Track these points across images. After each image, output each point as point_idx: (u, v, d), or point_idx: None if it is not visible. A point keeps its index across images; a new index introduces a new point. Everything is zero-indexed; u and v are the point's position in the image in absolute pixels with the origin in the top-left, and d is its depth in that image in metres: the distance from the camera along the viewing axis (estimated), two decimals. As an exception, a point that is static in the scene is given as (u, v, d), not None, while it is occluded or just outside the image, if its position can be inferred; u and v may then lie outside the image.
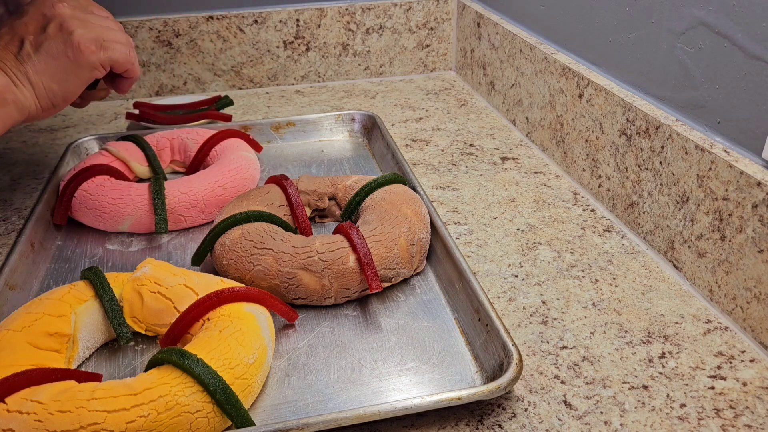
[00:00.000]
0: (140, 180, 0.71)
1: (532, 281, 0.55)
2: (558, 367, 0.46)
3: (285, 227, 0.56)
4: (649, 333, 0.49)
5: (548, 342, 0.48)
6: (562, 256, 0.58)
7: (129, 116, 0.82)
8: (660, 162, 0.56)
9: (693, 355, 0.47)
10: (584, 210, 0.65)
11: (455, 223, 0.63)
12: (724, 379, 0.45)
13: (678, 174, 0.54)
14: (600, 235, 0.61)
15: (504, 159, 0.75)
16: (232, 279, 0.52)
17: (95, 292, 0.48)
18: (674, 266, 0.55)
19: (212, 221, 0.63)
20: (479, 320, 0.47)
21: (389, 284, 0.53)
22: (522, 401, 0.43)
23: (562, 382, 0.45)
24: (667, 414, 0.42)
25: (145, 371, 0.42)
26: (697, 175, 0.51)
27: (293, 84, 0.99)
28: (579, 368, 0.46)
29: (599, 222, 0.63)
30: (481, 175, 0.72)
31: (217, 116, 0.83)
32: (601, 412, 0.42)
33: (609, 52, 0.65)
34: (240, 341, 0.42)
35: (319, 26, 0.96)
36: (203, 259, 0.55)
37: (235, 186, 0.65)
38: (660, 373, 0.45)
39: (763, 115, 0.47)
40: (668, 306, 0.52)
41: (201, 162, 0.70)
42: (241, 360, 0.41)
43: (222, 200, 0.64)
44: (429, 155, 0.76)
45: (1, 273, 0.52)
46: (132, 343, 0.49)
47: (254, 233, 0.53)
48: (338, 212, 0.62)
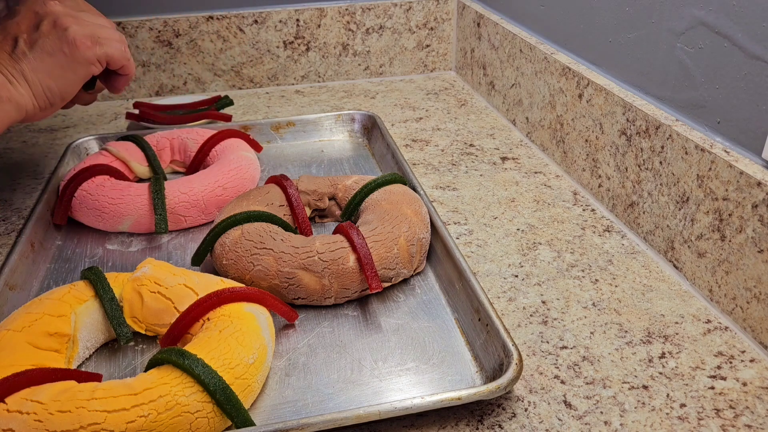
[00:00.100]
0: (140, 180, 0.71)
1: (532, 281, 0.55)
2: (558, 367, 0.46)
3: (285, 227, 0.56)
4: (649, 333, 0.49)
5: (548, 342, 0.48)
6: (562, 256, 0.58)
7: (129, 116, 0.82)
8: (660, 162, 0.56)
9: (693, 355, 0.47)
10: (584, 210, 0.65)
11: (455, 223, 0.63)
12: (724, 379, 0.45)
13: (678, 174, 0.54)
14: (600, 235, 0.61)
15: (504, 159, 0.75)
16: (232, 279, 0.52)
17: (95, 292, 0.48)
18: (674, 266, 0.55)
19: (212, 221, 0.63)
20: (479, 320, 0.47)
21: (389, 284, 0.53)
22: (522, 401, 0.43)
23: (562, 382, 0.45)
24: (667, 414, 0.42)
25: (145, 371, 0.42)
26: (697, 175, 0.51)
27: (293, 84, 0.99)
28: (579, 368, 0.46)
29: (599, 222, 0.63)
30: (481, 175, 0.72)
31: (217, 116, 0.83)
32: (601, 412, 0.42)
33: (609, 52, 0.65)
34: (240, 341, 0.42)
35: (319, 26, 0.96)
36: (203, 259, 0.55)
37: (235, 186, 0.65)
38: (660, 373, 0.45)
39: (763, 115, 0.47)
40: (668, 306, 0.52)
41: (201, 162, 0.70)
42: (241, 360, 0.41)
43: (222, 200, 0.64)
44: (429, 155, 0.76)
45: (1, 273, 0.52)
46: (132, 343, 0.49)
47: (254, 233, 0.53)
48: (338, 212, 0.62)
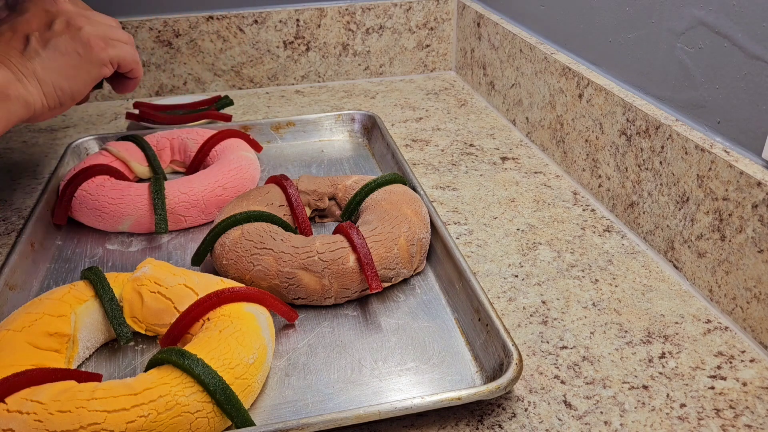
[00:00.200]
0: (140, 180, 0.71)
1: (532, 281, 0.55)
2: (558, 367, 0.46)
3: (285, 227, 0.56)
4: (649, 333, 0.49)
5: (548, 342, 0.48)
6: (562, 256, 0.58)
7: (129, 116, 0.82)
8: (660, 162, 0.56)
9: (693, 355, 0.47)
10: (584, 210, 0.65)
11: (455, 223, 0.63)
12: (724, 379, 0.45)
13: (678, 174, 0.54)
14: (600, 235, 0.61)
15: (504, 159, 0.75)
16: (232, 279, 0.52)
17: (95, 292, 0.48)
18: (674, 266, 0.55)
19: (212, 221, 0.63)
20: (479, 320, 0.47)
21: (389, 284, 0.53)
22: (522, 401, 0.43)
23: (562, 382, 0.45)
24: (667, 414, 0.42)
25: (145, 371, 0.42)
26: (697, 175, 0.51)
27: (293, 84, 0.99)
28: (579, 368, 0.46)
29: (599, 222, 0.63)
30: (481, 175, 0.72)
31: (217, 116, 0.83)
32: (601, 412, 0.42)
33: (609, 52, 0.65)
34: (240, 341, 0.42)
35: (319, 26, 0.96)
36: (203, 259, 0.55)
37: (235, 186, 0.65)
38: (660, 373, 0.45)
39: (763, 115, 0.47)
40: (668, 306, 0.52)
41: (201, 162, 0.70)
42: (241, 360, 0.41)
43: (222, 200, 0.64)
44: (429, 155, 0.76)
45: (1, 273, 0.52)
46: (132, 343, 0.49)
47: (254, 233, 0.53)
48: (338, 212, 0.62)
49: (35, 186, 0.72)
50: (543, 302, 0.52)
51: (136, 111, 0.85)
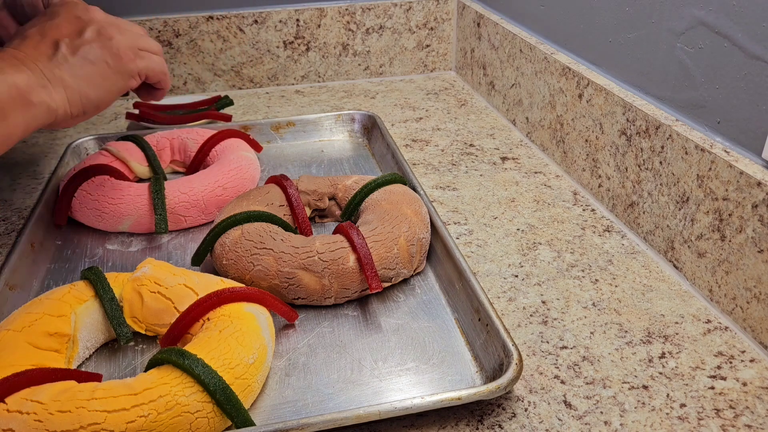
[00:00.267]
0: (140, 180, 0.71)
1: (532, 281, 0.55)
2: (558, 367, 0.46)
3: (285, 227, 0.56)
4: (649, 333, 0.49)
5: (548, 342, 0.48)
6: (562, 256, 0.58)
7: (129, 116, 0.82)
8: (660, 162, 0.56)
9: (693, 355, 0.47)
10: (584, 210, 0.65)
11: (455, 223, 0.63)
12: (724, 379, 0.45)
13: (678, 174, 0.54)
14: (600, 235, 0.61)
15: (504, 159, 0.75)
16: (232, 279, 0.52)
17: (95, 292, 0.48)
18: (674, 266, 0.55)
19: (212, 221, 0.63)
20: (479, 320, 0.47)
21: (389, 284, 0.53)
22: (522, 401, 0.43)
23: (562, 382, 0.45)
24: (667, 414, 0.42)
25: (145, 371, 0.42)
26: (697, 175, 0.51)
27: (293, 84, 0.99)
28: (579, 368, 0.46)
29: (599, 222, 0.63)
30: (481, 175, 0.72)
31: (217, 116, 0.83)
32: (601, 412, 0.42)
33: (609, 52, 0.65)
34: (240, 341, 0.42)
35: (319, 26, 0.96)
36: (203, 259, 0.55)
37: (235, 186, 0.65)
38: (660, 373, 0.45)
39: (763, 115, 0.47)
40: (668, 306, 0.52)
41: (201, 162, 0.70)
42: (241, 360, 0.41)
43: (222, 200, 0.64)
44: (429, 155, 0.76)
45: (1, 273, 0.52)
46: (132, 343, 0.49)
47: (254, 233, 0.53)
48: (338, 212, 0.62)
49: (35, 186, 0.72)
50: (543, 302, 0.52)
51: (136, 111, 0.85)
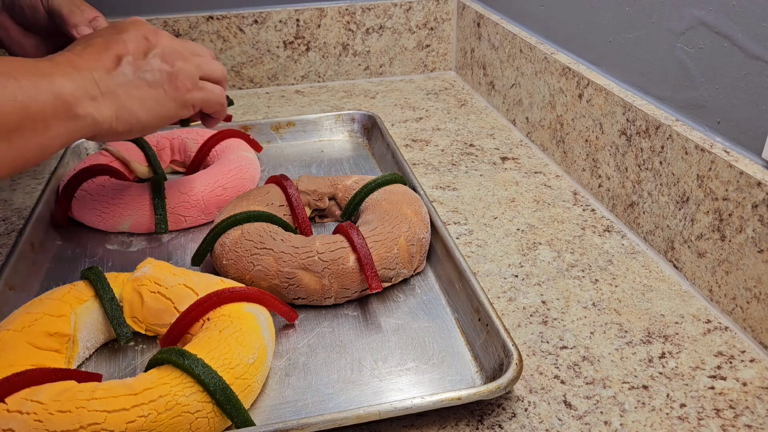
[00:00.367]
0: (140, 180, 0.71)
1: (532, 281, 0.55)
2: (558, 367, 0.46)
3: (285, 227, 0.56)
4: (649, 333, 0.49)
5: (548, 342, 0.48)
6: (562, 256, 0.58)
7: (129, 116, 0.82)
8: (660, 162, 0.56)
9: (693, 355, 0.47)
10: (584, 210, 0.65)
11: (455, 223, 0.63)
12: (724, 379, 0.45)
13: (678, 174, 0.54)
14: (600, 235, 0.61)
15: (504, 159, 0.75)
16: (232, 279, 0.52)
17: (95, 292, 0.48)
18: (674, 266, 0.55)
19: (212, 221, 0.63)
20: (479, 320, 0.47)
21: (389, 284, 0.53)
22: (522, 401, 0.43)
23: (562, 382, 0.45)
24: (667, 414, 0.42)
25: (145, 371, 0.42)
26: (697, 175, 0.51)
27: (293, 84, 0.99)
28: (579, 368, 0.46)
29: (599, 222, 0.63)
30: (481, 175, 0.72)
31: (217, 116, 0.83)
32: (601, 412, 0.42)
33: (609, 52, 0.65)
34: (240, 341, 0.42)
35: (319, 26, 0.96)
36: (203, 259, 0.55)
37: (235, 186, 0.65)
38: (660, 373, 0.45)
39: (763, 115, 0.47)
40: (668, 306, 0.52)
41: (201, 162, 0.70)
42: (241, 360, 0.41)
43: (222, 200, 0.64)
44: (429, 155, 0.76)
45: (1, 273, 0.52)
46: (132, 343, 0.49)
47: (254, 233, 0.53)
48: (338, 212, 0.62)
49: (35, 186, 0.71)
50: (543, 302, 0.52)
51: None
